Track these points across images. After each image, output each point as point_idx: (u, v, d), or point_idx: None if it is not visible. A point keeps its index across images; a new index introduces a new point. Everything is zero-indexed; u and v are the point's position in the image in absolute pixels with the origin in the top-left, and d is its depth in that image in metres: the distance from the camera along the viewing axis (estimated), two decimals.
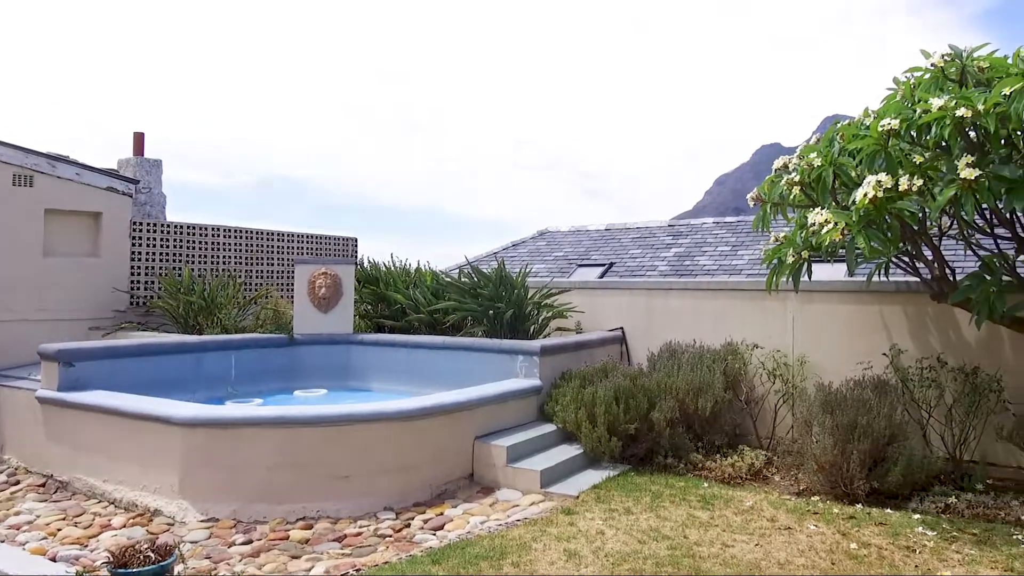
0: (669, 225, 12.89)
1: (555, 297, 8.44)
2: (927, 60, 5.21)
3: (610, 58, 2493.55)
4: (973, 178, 4.52)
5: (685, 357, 7.21)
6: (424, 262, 9.43)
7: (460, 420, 5.96)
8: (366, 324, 8.72)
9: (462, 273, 8.46)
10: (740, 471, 6.22)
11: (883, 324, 6.74)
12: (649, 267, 11.87)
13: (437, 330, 8.21)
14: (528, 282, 8.99)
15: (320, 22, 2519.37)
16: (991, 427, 5.95)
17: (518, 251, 13.09)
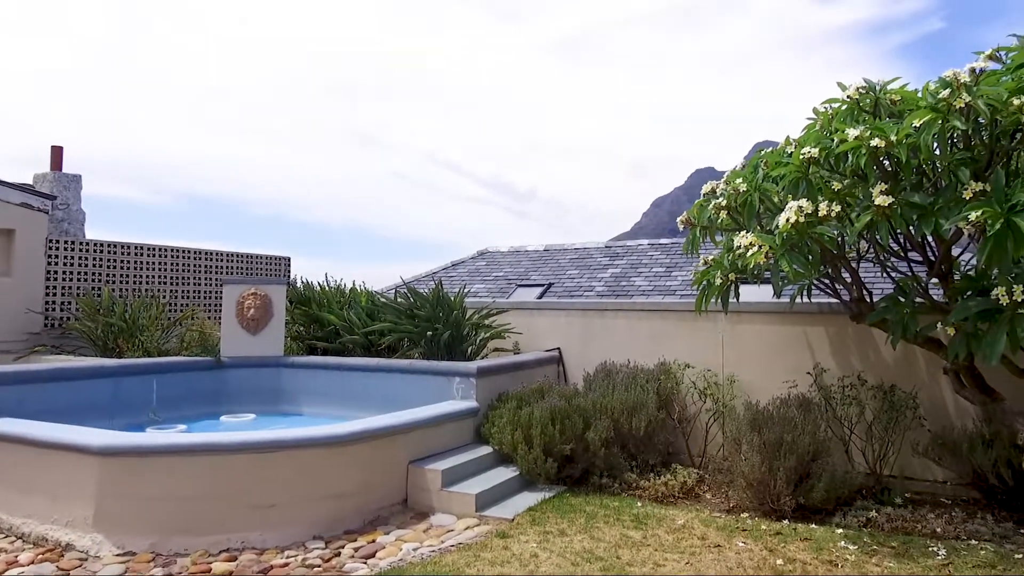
0: (606, 246, 13.09)
1: (493, 318, 8.43)
2: (843, 92, 5.47)
3: (553, 81, 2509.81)
4: (887, 205, 4.75)
5: (620, 377, 7.29)
6: (360, 282, 9.31)
7: (393, 444, 5.86)
8: (298, 346, 8.53)
9: (398, 294, 8.38)
10: (673, 489, 6.30)
11: (807, 344, 6.97)
12: (587, 288, 12.01)
13: (372, 352, 8.09)
14: (466, 303, 8.96)
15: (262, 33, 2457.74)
16: (908, 443, 6.21)
17: (458, 271, 13.06)
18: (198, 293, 10.31)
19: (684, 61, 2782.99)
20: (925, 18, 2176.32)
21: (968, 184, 4.64)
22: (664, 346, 7.70)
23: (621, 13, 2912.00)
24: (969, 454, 5.72)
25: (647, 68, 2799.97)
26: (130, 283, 9.47)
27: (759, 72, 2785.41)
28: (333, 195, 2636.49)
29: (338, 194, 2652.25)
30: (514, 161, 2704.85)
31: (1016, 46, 4.86)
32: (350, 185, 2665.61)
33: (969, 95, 4.55)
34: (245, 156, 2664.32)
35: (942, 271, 5.39)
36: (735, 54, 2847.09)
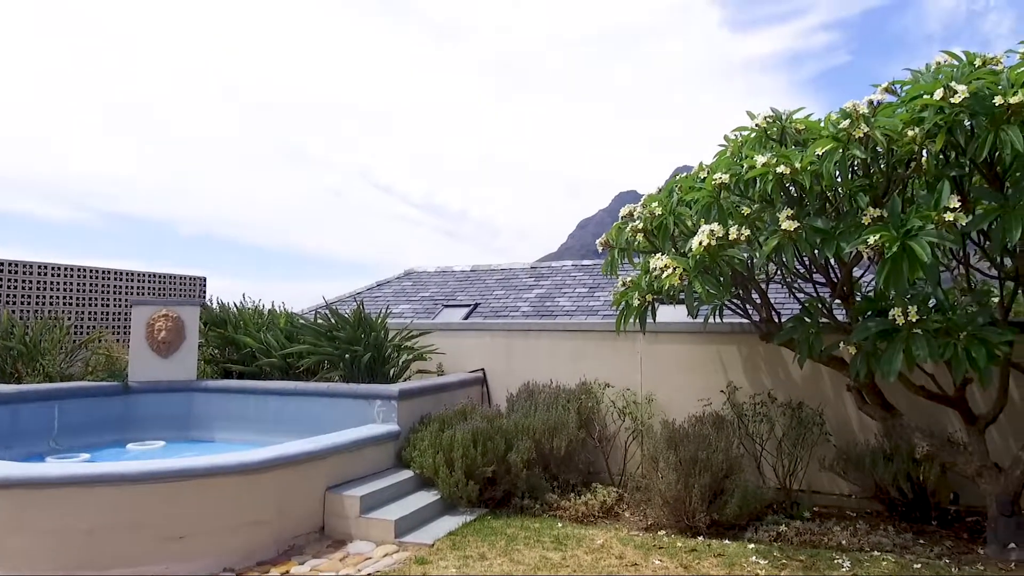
0: (532, 267, 13.20)
1: (416, 339, 8.35)
2: (752, 120, 5.70)
3: (480, 103, 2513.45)
4: (792, 229, 4.95)
5: (542, 397, 7.33)
6: (279, 303, 9.08)
7: (310, 470, 5.70)
8: (212, 370, 8.23)
9: (318, 315, 8.20)
10: (593, 509, 6.35)
11: (721, 363, 7.18)
12: (513, 308, 12.05)
13: (291, 375, 7.87)
14: (391, 323, 8.85)
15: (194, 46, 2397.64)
16: (816, 458, 6.45)
17: (383, 291, 12.91)
18: (107, 315, 9.83)
19: (612, 86, 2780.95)
20: (834, 51, 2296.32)
21: (867, 210, 4.88)
22: (586, 366, 7.79)
23: (552, 37, 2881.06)
24: (871, 468, 5.99)
25: (576, 91, 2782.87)
26: (32, 304, 8.96)
27: (683, 98, 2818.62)
28: (264, 214, 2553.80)
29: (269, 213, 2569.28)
30: (446, 181, 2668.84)
31: (910, 80, 5.18)
32: (282, 204, 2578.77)
33: (867, 126, 4.80)
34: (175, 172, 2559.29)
35: (844, 293, 5.65)
36: (659, 80, 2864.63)
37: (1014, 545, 5.10)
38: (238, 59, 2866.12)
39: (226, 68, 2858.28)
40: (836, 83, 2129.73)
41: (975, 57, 5.04)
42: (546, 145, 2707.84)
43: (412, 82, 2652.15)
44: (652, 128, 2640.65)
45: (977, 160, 4.66)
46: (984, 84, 4.55)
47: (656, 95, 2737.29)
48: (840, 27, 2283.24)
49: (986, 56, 5.06)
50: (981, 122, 4.54)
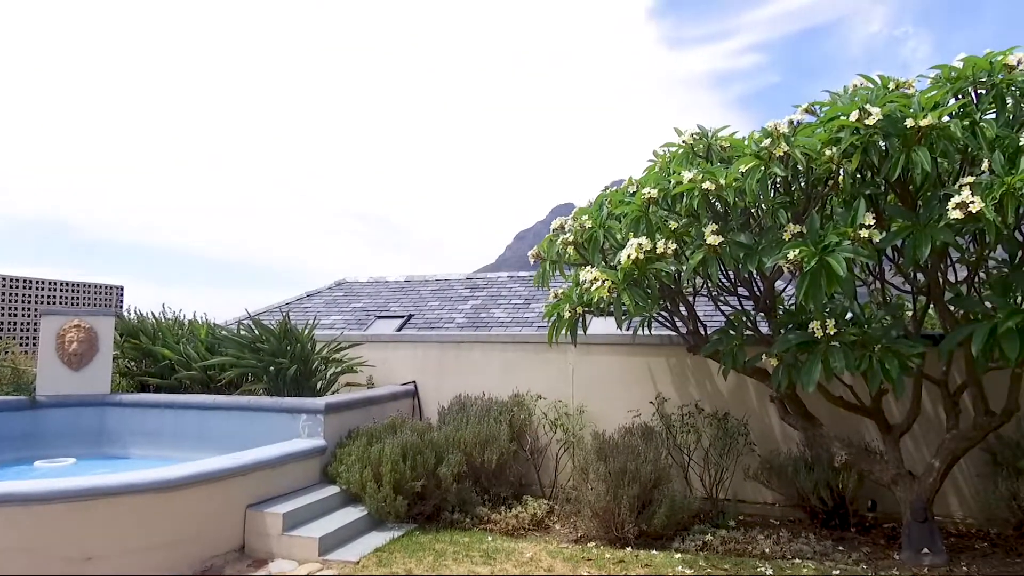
0: (467, 278, 13.14)
1: (346, 351, 8.17)
2: (680, 137, 5.81)
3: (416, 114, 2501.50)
4: (717, 244, 5.06)
5: (474, 410, 7.27)
6: (202, 313, 8.75)
7: (230, 487, 5.48)
8: (128, 383, 7.85)
9: (241, 326, 7.94)
10: (524, 522, 6.31)
11: (650, 375, 7.27)
12: (447, 319, 11.95)
13: (212, 389, 7.58)
14: (321, 335, 8.65)
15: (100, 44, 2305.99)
16: (741, 467, 6.58)
17: (313, 301, 12.63)
18: (14, 325, 9.29)
19: (553, 98, 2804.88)
20: (764, 71, 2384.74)
21: (788, 226, 5.03)
22: (518, 377, 7.77)
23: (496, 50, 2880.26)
24: (793, 477, 6.15)
25: (517, 104, 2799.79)
26: None
27: (621, 112, 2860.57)
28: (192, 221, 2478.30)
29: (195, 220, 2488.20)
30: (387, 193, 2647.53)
31: (829, 101, 5.37)
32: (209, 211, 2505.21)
33: (787, 145, 4.95)
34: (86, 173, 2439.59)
35: (767, 306, 5.80)
36: (598, 94, 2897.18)
37: (927, 550, 5.29)
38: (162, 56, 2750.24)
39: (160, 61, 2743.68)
40: (766, 102, 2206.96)
41: (889, 81, 5.27)
42: (485, 157, 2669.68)
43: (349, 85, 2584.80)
44: (591, 141, 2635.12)
45: (890, 179, 4.85)
46: (897, 107, 4.75)
47: (595, 109, 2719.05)
48: (768, 49, 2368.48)
49: (899, 80, 5.30)
50: (894, 143, 4.73)
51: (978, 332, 4.65)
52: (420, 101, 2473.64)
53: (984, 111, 4.85)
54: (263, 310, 11.33)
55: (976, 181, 4.48)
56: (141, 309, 8.47)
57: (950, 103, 4.89)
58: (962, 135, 4.61)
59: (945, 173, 5.11)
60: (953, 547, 5.65)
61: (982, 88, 4.92)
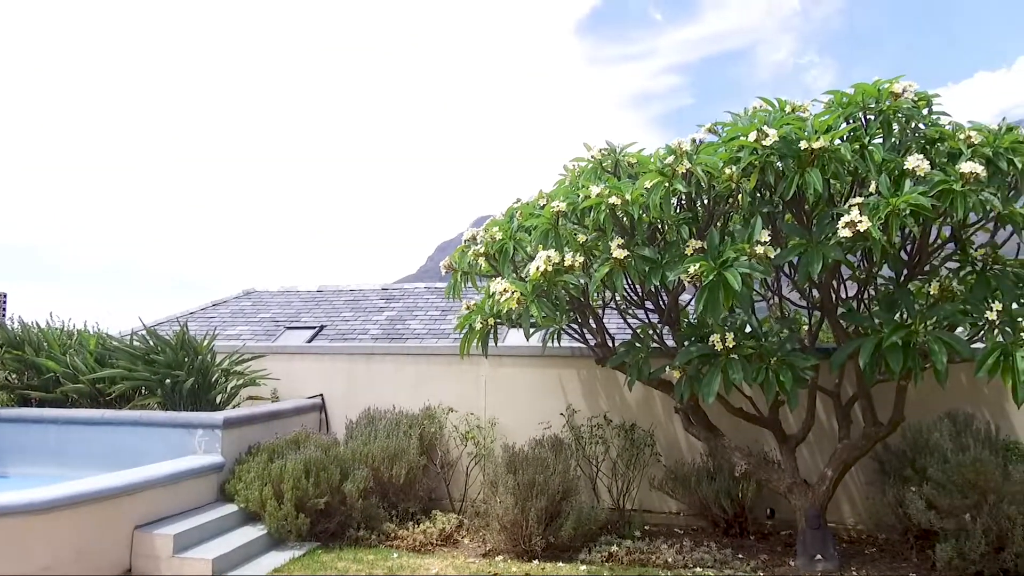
0: (383, 288, 12.92)
1: (249, 363, 7.86)
2: (589, 152, 5.88)
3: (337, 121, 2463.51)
4: (622, 257, 5.12)
5: (383, 423, 7.12)
6: (93, 323, 8.24)
7: (115, 508, 5.16)
8: (8, 397, 7.29)
9: (135, 336, 7.53)
10: (432, 537, 6.20)
11: (561, 387, 7.31)
12: (361, 331, 11.70)
13: (101, 403, 7.13)
14: (223, 346, 8.31)
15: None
16: (647, 478, 6.68)
17: (219, 311, 12.15)
18: None
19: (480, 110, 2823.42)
20: (679, 93, 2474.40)
21: (690, 241, 5.15)
22: (431, 390, 7.66)
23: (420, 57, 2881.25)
24: (696, 486, 6.28)
25: (446, 113, 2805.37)
26: None
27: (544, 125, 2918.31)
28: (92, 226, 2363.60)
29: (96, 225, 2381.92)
30: (306, 200, 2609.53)
31: (730, 122, 5.54)
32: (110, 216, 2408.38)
33: (689, 162, 5.07)
34: None
35: (672, 319, 5.92)
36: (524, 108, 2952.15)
37: (820, 556, 5.48)
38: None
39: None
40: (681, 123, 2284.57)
41: (786, 104, 5.49)
42: (409, 166, 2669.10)
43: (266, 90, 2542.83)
44: (515, 153, 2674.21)
45: (786, 198, 5.03)
46: (792, 129, 4.94)
47: (520, 122, 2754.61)
48: (682, 71, 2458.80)
49: (795, 104, 5.53)
50: (789, 164, 4.91)
51: (865, 346, 4.88)
52: (343, 106, 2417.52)
53: (872, 135, 5.12)
54: (163, 320, 10.83)
55: (864, 202, 4.71)
56: (24, 318, 7.91)
57: (841, 127, 5.13)
58: (852, 158, 4.83)
59: (837, 194, 5.35)
60: (845, 553, 5.88)
61: (871, 114, 5.19)
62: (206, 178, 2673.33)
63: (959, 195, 4.61)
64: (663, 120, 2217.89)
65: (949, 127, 5.16)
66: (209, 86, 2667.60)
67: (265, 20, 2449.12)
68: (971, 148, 4.91)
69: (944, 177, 4.68)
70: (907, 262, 5.49)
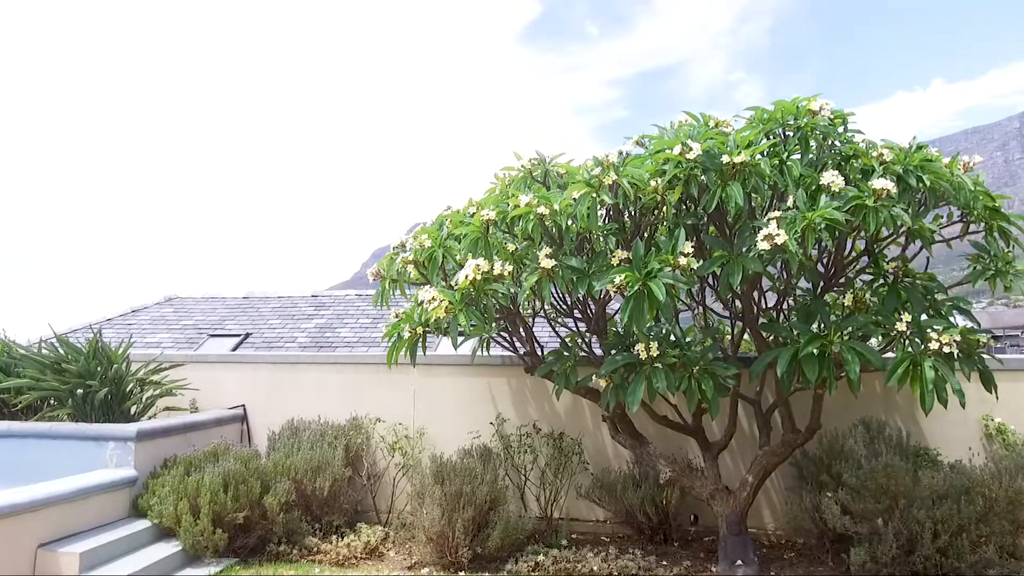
0: (312, 296, 12.67)
1: (167, 372, 7.56)
2: (519, 162, 5.89)
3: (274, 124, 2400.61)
4: (550, 267, 5.13)
5: (307, 434, 6.94)
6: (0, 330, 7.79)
7: (15, 525, 4.87)
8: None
9: (43, 344, 7.15)
10: (356, 551, 6.08)
11: (491, 396, 7.27)
12: (289, 339, 11.42)
13: (6, 414, 6.75)
14: (141, 354, 8.00)
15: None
16: (575, 486, 6.70)
17: (139, 318, 11.69)
18: None
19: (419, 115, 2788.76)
20: (614, 105, 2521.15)
21: (616, 252, 5.20)
22: (358, 400, 7.51)
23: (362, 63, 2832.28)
24: (622, 494, 6.34)
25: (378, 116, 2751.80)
26: None
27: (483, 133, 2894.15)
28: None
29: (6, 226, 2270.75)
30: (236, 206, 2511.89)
31: (657, 136, 5.63)
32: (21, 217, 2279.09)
33: (616, 174, 5.12)
34: None
35: (599, 328, 5.96)
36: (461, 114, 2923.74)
37: (741, 562, 5.59)
38: None
39: None
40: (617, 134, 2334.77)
41: (710, 119, 5.62)
42: (345, 172, 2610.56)
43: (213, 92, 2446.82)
44: (455, 160, 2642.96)
45: (709, 211, 5.13)
46: (715, 144, 5.05)
47: (460, 128, 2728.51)
48: (618, 84, 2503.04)
49: (719, 119, 5.66)
50: (712, 177, 5.01)
51: (783, 355, 5.01)
52: (281, 108, 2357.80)
53: (791, 151, 5.27)
54: (79, 327, 10.36)
55: (782, 215, 4.84)
56: None
57: (762, 142, 5.27)
58: (771, 172, 4.96)
59: (758, 207, 5.49)
60: (765, 557, 6.02)
61: (790, 130, 5.35)
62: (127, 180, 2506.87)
63: (871, 210, 4.79)
64: (599, 131, 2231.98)
65: (863, 144, 5.36)
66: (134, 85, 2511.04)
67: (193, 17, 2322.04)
68: (883, 165, 5.10)
69: (857, 193, 4.85)
70: (823, 274, 5.67)
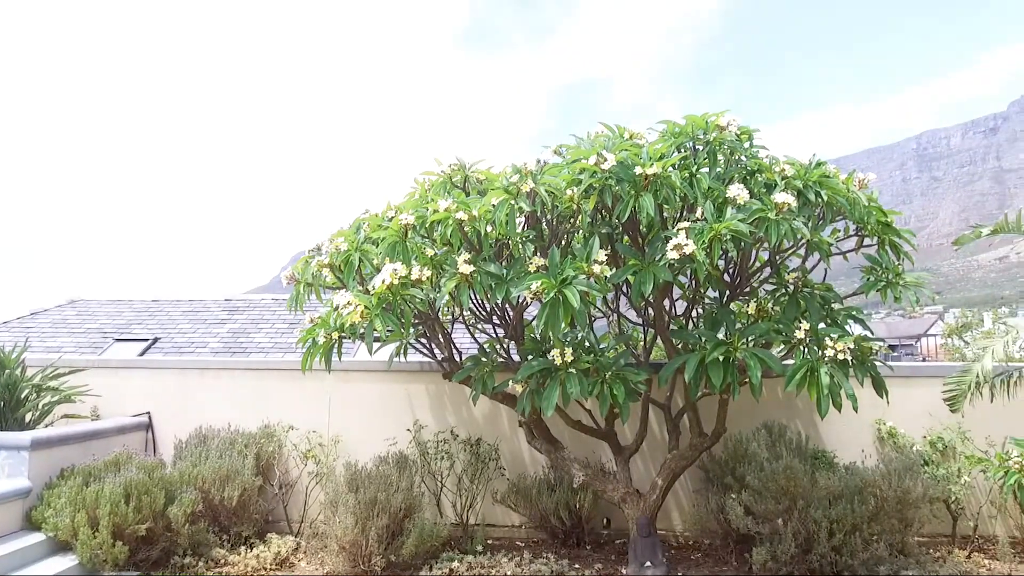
0: (226, 300, 12.31)
1: (66, 378, 7.18)
2: (439, 167, 5.90)
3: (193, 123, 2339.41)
4: (468, 272, 5.16)
5: (216, 443, 6.73)
6: None
7: None
8: None
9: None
10: (266, 562, 5.93)
11: (409, 402, 7.24)
12: (200, 344, 11.05)
13: None
14: (39, 359, 7.60)
15: None
16: (491, 492, 6.73)
17: (38, 321, 11.09)
18: None
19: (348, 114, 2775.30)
20: (540, 115, 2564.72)
21: (533, 259, 5.28)
22: (271, 407, 7.33)
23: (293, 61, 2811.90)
24: (537, 499, 6.41)
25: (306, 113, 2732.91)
26: None
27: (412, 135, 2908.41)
28: None
29: None
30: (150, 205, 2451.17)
31: (574, 145, 5.75)
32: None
33: (534, 182, 5.20)
34: None
35: (516, 334, 6.02)
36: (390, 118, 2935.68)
37: (650, 563, 5.74)
38: None
39: None
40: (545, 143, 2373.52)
41: (624, 131, 5.78)
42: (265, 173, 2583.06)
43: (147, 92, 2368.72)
44: (378, 165, 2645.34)
45: (622, 220, 5.27)
46: (629, 155, 5.19)
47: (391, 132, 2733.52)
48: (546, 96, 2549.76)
49: (633, 131, 5.83)
50: (626, 188, 5.15)
51: (690, 361, 5.19)
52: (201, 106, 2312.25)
53: (701, 165, 5.48)
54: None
55: (691, 226, 5.03)
56: None
57: (673, 155, 5.46)
58: (681, 185, 5.14)
59: (670, 218, 5.68)
60: (673, 558, 6.20)
61: (699, 144, 5.57)
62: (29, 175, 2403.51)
63: (773, 223, 5.02)
64: (526, 141, 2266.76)
65: (767, 160, 5.62)
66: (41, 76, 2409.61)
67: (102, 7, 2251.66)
68: (785, 180, 5.36)
69: (761, 206, 5.08)
70: (729, 283, 5.91)
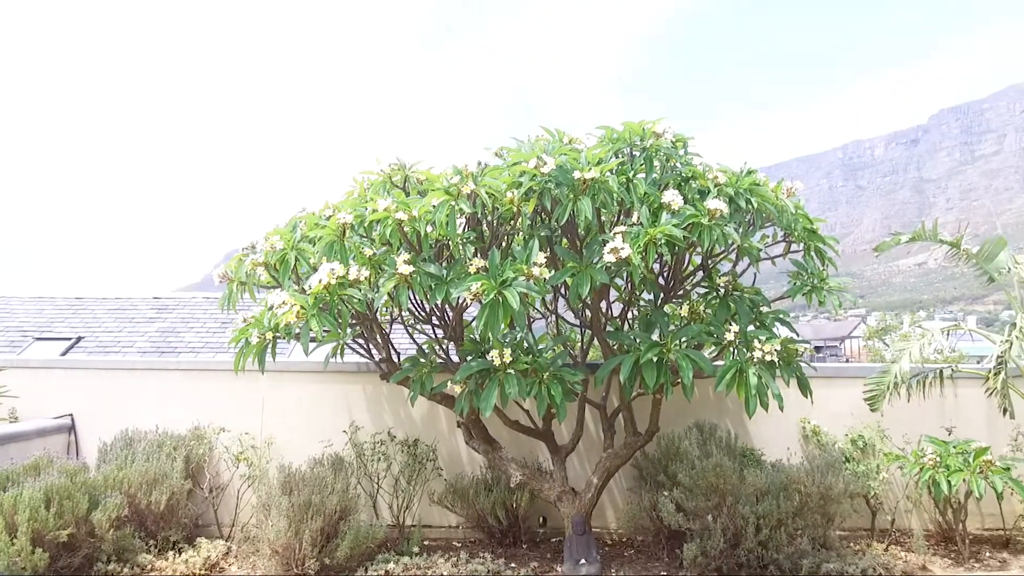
0: (154, 298, 11.92)
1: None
2: (379, 166, 5.87)
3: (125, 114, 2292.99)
4: (408, 273, 5.15)
5: (143, 446, 6.51)
6: None
7: None
8: None
9: None
10: (195, 567, 5.79)
11: (346, 403, 7.16)
12: (127, 343, 10.69)
13: None
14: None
15: None
16: (428, 493, 6.73)
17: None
18: None
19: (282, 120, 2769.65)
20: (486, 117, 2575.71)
21: (473, 260, 5.31)
22: (202, 409, 7.13)
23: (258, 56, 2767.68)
24: (475, 499, 6.43)
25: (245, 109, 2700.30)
26: None
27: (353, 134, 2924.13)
28: None
29: None
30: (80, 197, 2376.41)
31: (515, 148, 5.80)
32: None
33: (475, 184, 5.23)
34: None
35: (456, 335, 6.04)
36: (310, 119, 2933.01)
37: (584, 561, 5.83)
38: None
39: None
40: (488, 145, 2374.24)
41: (564, 135, 5.86)
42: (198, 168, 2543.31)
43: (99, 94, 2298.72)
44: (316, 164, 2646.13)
45: (561, 223, 5.35)
46: (568, 159, 5.27)
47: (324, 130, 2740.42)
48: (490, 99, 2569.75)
49: (572, 136, 5.92)
50: (564, 191, 5.23)
51: (625, 362, 5.31)
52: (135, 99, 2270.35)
53: (637, 170, 5.61)
54: None
55: (627, 230, 5.15)
56: None
57: (611, 160, 5.56)
58: (619, 189, 5.25)
59: (607, 222, 5.79)
60: (607, 556, 6.32)
61: (636, 150, 5.70)
62: None
63: (706, 228, 5.19)
64: (472, 143, 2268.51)
65: (700, 167, 5.79)
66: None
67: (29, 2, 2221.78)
68: (717, 187, 5.54)
69: (694, 212, 5.23)
70: (663, 286, 6.07)
